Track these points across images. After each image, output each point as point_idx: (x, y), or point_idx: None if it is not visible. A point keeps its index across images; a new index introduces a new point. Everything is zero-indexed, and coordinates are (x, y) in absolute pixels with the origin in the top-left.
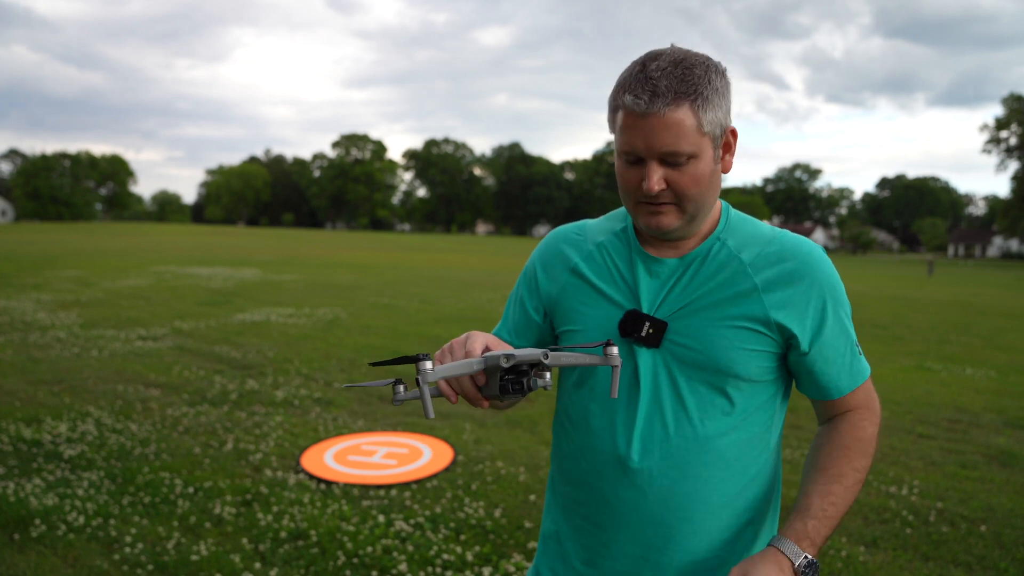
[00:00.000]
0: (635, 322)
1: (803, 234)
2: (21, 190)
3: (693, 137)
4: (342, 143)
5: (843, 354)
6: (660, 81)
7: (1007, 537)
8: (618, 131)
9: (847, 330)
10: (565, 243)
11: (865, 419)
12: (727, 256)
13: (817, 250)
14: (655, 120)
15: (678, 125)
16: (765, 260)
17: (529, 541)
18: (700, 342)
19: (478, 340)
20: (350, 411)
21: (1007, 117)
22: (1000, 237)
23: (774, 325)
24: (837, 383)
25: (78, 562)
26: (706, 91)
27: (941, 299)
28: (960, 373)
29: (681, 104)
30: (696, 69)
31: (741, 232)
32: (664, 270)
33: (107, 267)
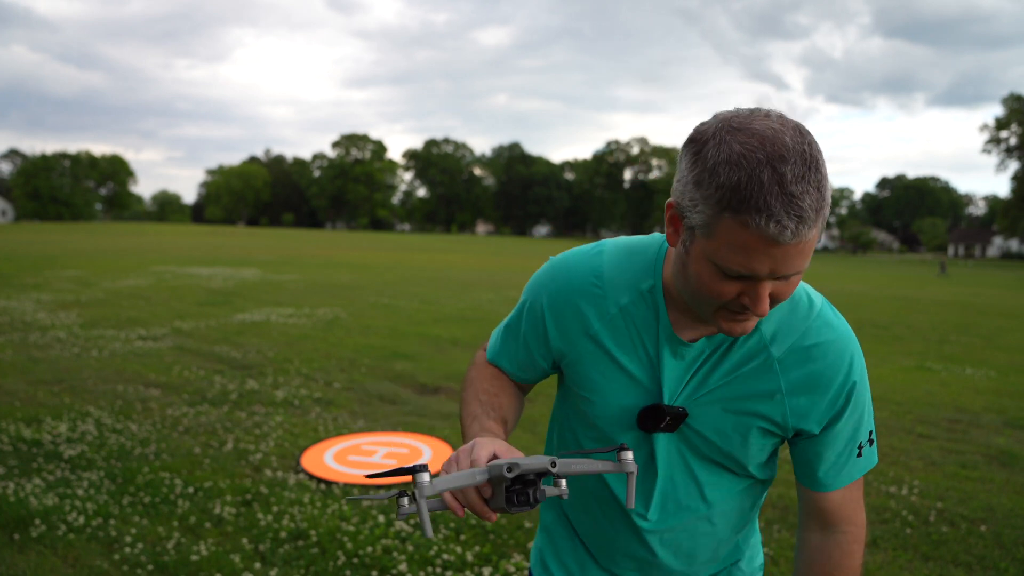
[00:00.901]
0: (655, 418)
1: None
2: (21, 190)
3: (803, 257)
4: (342, 143)
5: (839, 453)
6: (805, 198)
7: (1007, 537)
8: (724, 243)
9: (855, 430)
10: (582, 297)
11: (853, 544)
12: (757, 344)
13: (850, 345)
14: (792, 248)
15: (810, 245)
16: (795, 358)
17: (529, 541)
18: (716, 434)
19: (484, 449)
20: (350, 411)
21: (1007, 117)
22: (1000, 237)
23: (788, 429)
24: (823, 478)
25: (78, 562)
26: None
27: (941, 299)
28: (960, 373)
29: (821, 222)
30: (822, 166)
31: (778, 312)
32: (690, 352)
33: (107, 267)
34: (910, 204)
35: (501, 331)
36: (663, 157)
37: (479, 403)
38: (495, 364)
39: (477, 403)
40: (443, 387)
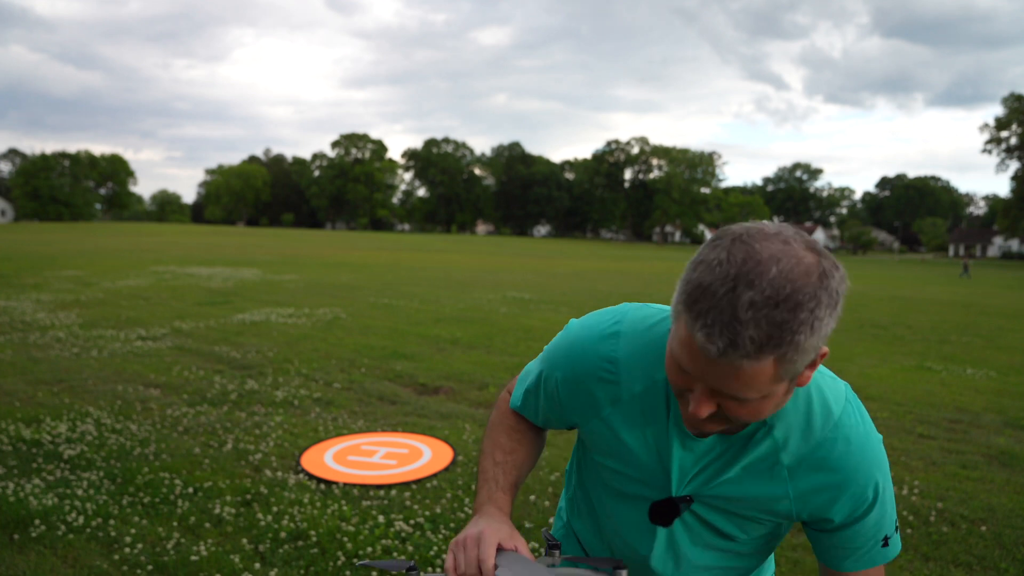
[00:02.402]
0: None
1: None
2: (21, 190)
3: (765, 387)
4: (342, 143)
5: (862, 547)
6: (747, 328)
7: (1007, 537)
8: (676, 334)
9: (878, 527)
10: (593, 380)
11: None
12: (768, 448)
13: (868, 453)
14: (723, 367)
15: (752, 376)
16: (807, 466)
17: (529, 541)
18: (721, 520)
19: (491, 546)
20: (350, 411)
21: (1007, 117)
22: (1001, 237)
23: (799, 518)
24: (842, 564)
25: (78, 562)
26: (803, 338)
27: (941, 299)
28: (960, 373)
29: (764, 359)
30: (802, 310)
31: (792, 419)
32: (700, 446)
33: (107, 267)
34: (910, 204)
35: (523, 388)
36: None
37: (494, 462)
38: (519, 412)
39: (492, 461)
40: (443, 387)
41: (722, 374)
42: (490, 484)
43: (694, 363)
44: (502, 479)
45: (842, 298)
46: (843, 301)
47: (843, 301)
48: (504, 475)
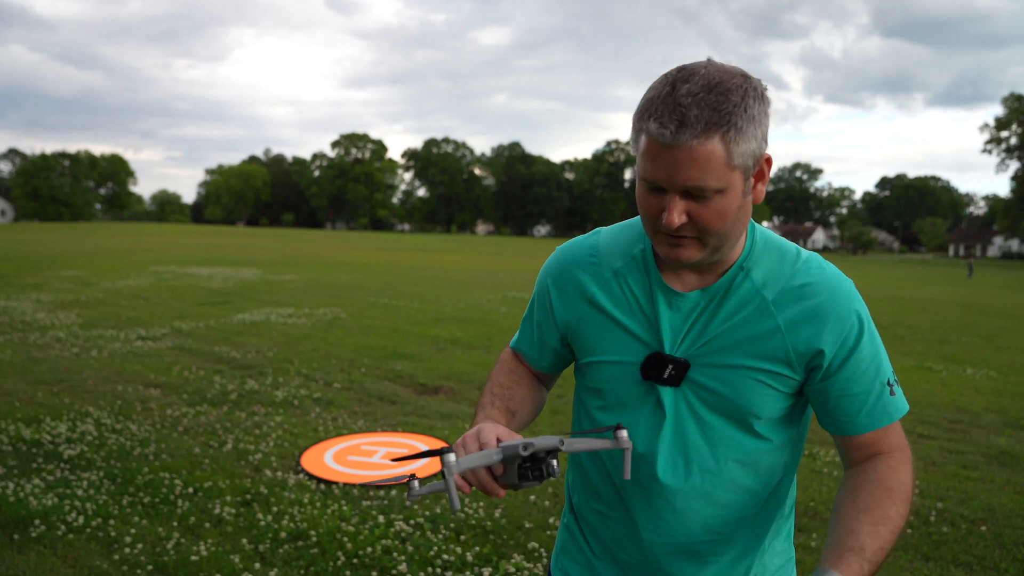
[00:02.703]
0: (658, 367)
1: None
2: (21, 190)
3: (721, 172)
4: (342, 143)
5: (867, 390)
6: (691, 109)
7: (1007, 537)
8: (640, 155)
9: (875, 366)
10: (579, 268)
11: (903, 464)
12: (750, 290)
13: (844, 283)
14: (681, 152)
15: (706, 159)
16: (788, 297)
17: (529, 541)
18: (721, 383)
19: (491, 433)
20: (350, 411)
21: (1007, 117)
22: (1001, 237)
23: (796, 363)
24: (855, 420)
25: (78, 562)
26: (740, 120)
27: (941, 299)
28: (960, 373)
29: (711, 136)
30: (733, 95)
31: (766, 261)
32: (685, 304)
33: (107, 267)
34: (910, 204)
35: (521, 322)
36: None
37: (491, 394)
38: (516, 349)
39: (489, 394)
40: (443, 387)
41: (681, 163)
42: (486, 408)
43: (660, 165)
44: (498, 403)
45: (768, 105)
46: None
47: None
48: (500, 401)
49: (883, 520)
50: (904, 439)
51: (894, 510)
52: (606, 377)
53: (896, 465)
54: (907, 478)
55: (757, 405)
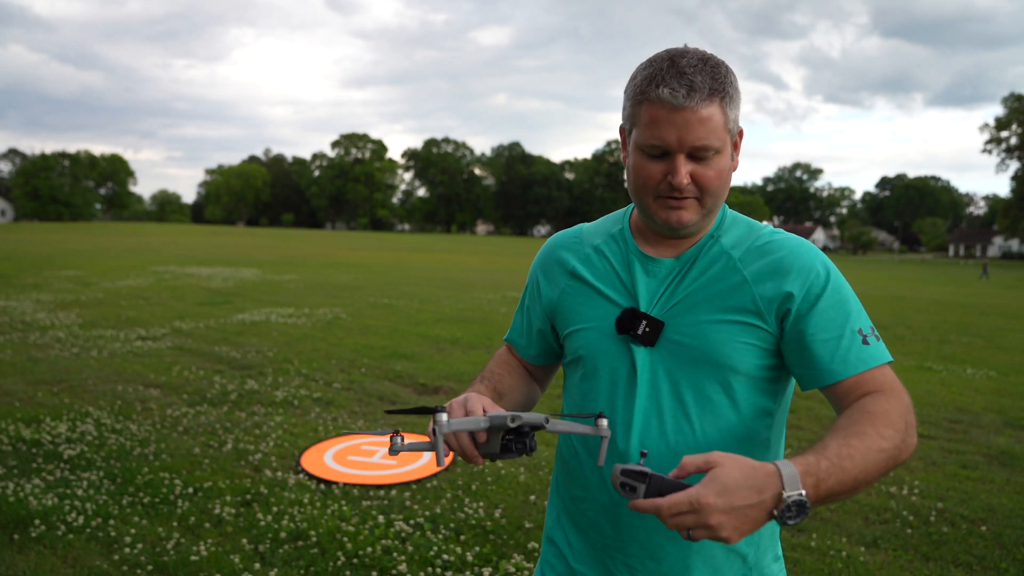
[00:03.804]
0: (632, 320)
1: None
2: (21, 190)
3: (720, 133)
4: (342, 143)
5: (837, 335)
6: (695, 76)
7: (1007, 537)
8: (642, 125)
9: (844, 313)
10: (563, 248)
11: (891, 397)
12: (718, 252)
13: (807, 243)
14: (690, 114)
15: (709, 120)
16: (754, 254)
17: (529, 541)
18: (695, 338)
19: (477, 402)
20: (350, 411)
21: (1007, 117)
22: (1001, 237)
23: (764, 312)
24: (830, 366)
25: (78, 562)
26: (731, 90)
27: (941, 299)
28: (961, 373)
29: (714, 100)
30: (721, 68)
31: (735, 230)
32: (661, 270)
33: (107, 267)
34: (910, 204)
35: (514, 315)
36: None
37: (480, 378)
38: (508, 341)
39: (479, 377)
40: (443, 387)
41: (690, 124)
42: (474, 385)
43: (670, 128)
44: (487, 383)
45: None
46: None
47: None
48: (489, 382)
49: (856, 435)
50: (896, 383)
51: (872, 429)
52: (584, 343)
53: (881, 398)
54: (893, 407)
55: (731, 358)
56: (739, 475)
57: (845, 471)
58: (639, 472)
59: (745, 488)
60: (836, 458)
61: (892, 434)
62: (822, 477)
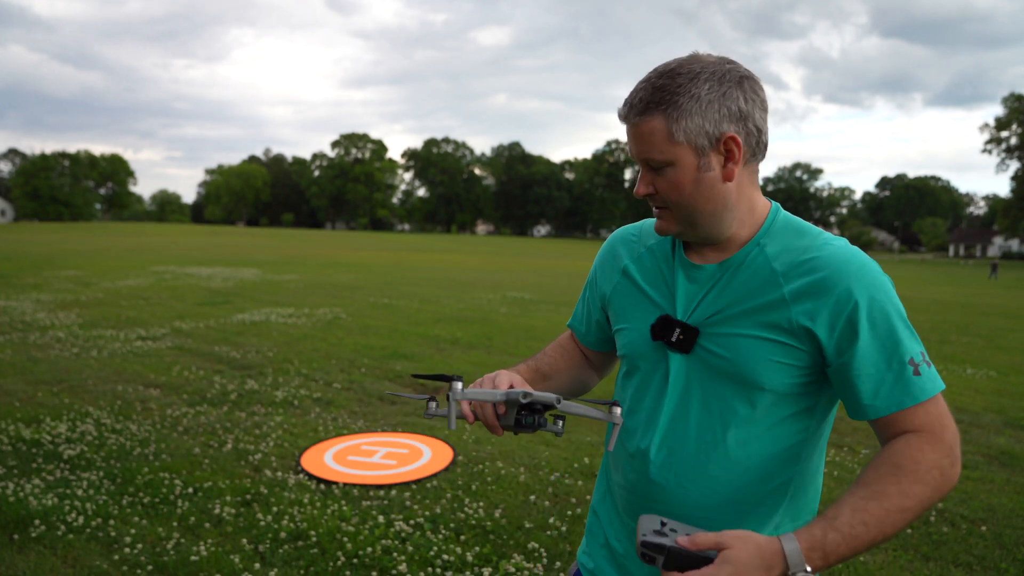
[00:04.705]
0: (665, 327)
1: None
2: (21, 190)
3: (665, 146)
4: (342, 143)
5: (881, 369)
6: (639, 91)
7: (1007, 537)
8: None
9: (892, 342)
10: (621, 244)
11: (927, 443)
12: (762, 263)
13: (857, 258)
14: (631, 129)
15: (649, 134)
16: (797, 270)
17: (529, 541)
18: (728, 351)
19: (504, 377)
20: (350, 411)
21: (1007, 117)
22: (1001, 237)
23: (802, 335)
24: (872, 402)
25: (78, 562)
26: (682, 100)
27: (941, 299)
28: (960, 373)
29: (652, 115)
30: (681, 78)
31: (782, 238)
32: (702, 275)
33: (107, 267)
34: (910, 204)
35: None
36: None
37: (529, 358)
38: (569, 326)
39: (529, 358)
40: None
41: (632, 137)
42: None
43: (629, 142)
44: (530, 363)
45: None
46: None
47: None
48: (533, 362)
49: (877, 495)
50: (942, 420)
51: (895, 487)
52: (627, 342)
53: (916, 442)
54: (926, 456)
55: (761, 375)
56: (748, 556)
57: (857, 538)
58: (657, 545)
59: (755, 568)
60: (848, 527)
61: (919, 490)
62: (829, 551)
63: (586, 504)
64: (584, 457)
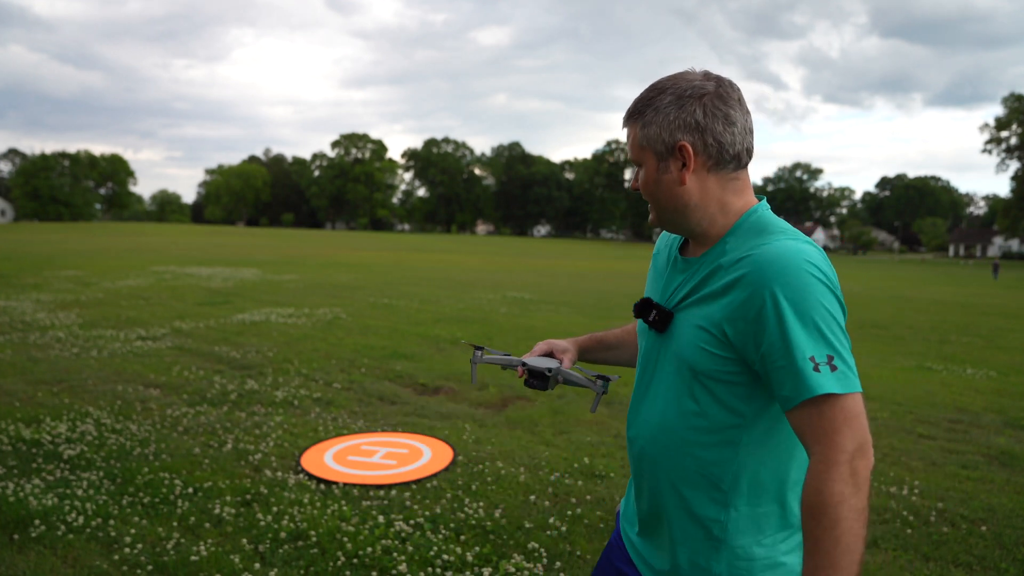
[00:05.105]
0: (644, 308)
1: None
2: (21, 190)
3: (635, 150)
4: (342, 143)
5: (785, 363)
6: (632, 104)
7: (1008, 537)
8: None
9: (798, 339)
10: (663, 235)
11: (823, 465)
12: (718, 256)
13: (781, 259)
14: (626, 134)
15: (630, 139)
16: (732, 267)
17: (529, 541)
18: (681, 334)
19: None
20: (350, 411)
21: (1007, 117)
22: (1001, 237)
23: (725, 327)
24: (780, 392)
25: (78, 562)
26: (648, 112)
27: (941, 299)
28: (961, 373)
29: (631, 123)
30: (653, 92)
31: (743, 237)
32: (685, 267)
33: (106, 267)
34: (910, 204)
35: None
36: None
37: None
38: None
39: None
40: (443, 387)
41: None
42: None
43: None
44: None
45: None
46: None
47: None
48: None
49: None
50: (842, 424)
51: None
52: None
53: (815, 470)
54: (824, 485)
55: (697, 360)
56: None
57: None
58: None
59: None
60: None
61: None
62: None
63: (586, 504)
64: (584, 457)
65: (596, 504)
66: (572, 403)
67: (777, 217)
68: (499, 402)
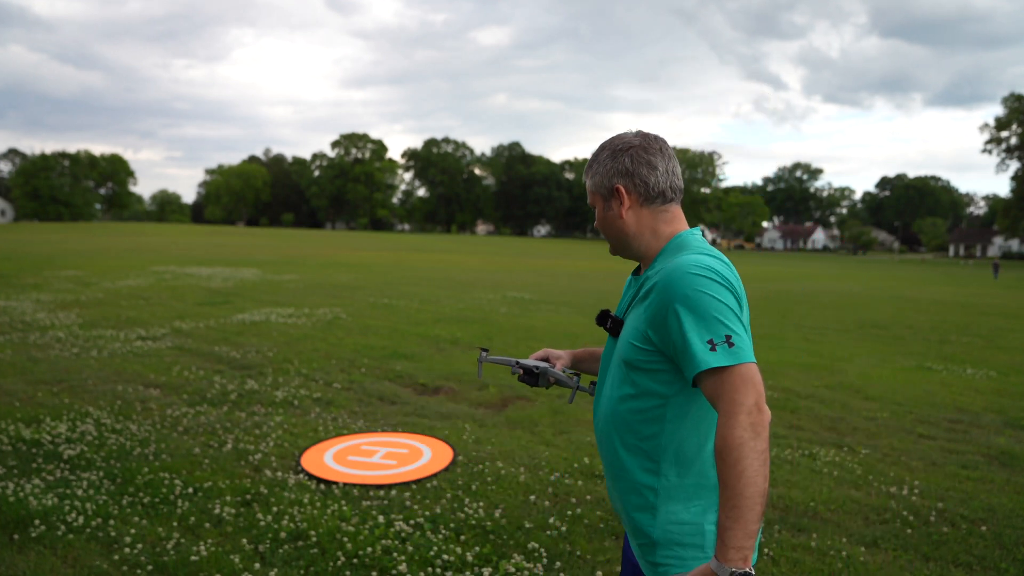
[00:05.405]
0: (602, 318)
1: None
2: (21, 190)
3: (590, 195)
4: (342, 143)
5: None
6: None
7: (1008, 537)
8: None
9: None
10: None
11: (726, 418)
12: (648, 274)
13: (677, 272)
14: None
15: (587, 187)
16: (649, 280)
17: (529, 541)
18: (623, 338)
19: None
20: (350, 411)
21: (1007, 117)
22: (1001, 237)
23: (646, 328)
24: (688, 374)
25: (78, 562)
26: (593, 165)
27: (941, 299)
28: (960, 373)
29: (585, 175)
30: (597, 151)
31: (666, 257)
32: (634, 283)
33: (106, 267)
34: (910, 204)
35: None
36: None
37: None
38: None
39: None
40: (443, 387)
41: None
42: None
43: None
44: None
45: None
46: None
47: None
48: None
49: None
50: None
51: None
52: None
53: (720, 423)
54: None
55: (628, 353)
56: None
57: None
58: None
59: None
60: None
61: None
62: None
63: (586, 504)
64: (584, 457)
65: (596, 504)
66: (572, 404)
67: (700, 239)
68: (499, 402)
